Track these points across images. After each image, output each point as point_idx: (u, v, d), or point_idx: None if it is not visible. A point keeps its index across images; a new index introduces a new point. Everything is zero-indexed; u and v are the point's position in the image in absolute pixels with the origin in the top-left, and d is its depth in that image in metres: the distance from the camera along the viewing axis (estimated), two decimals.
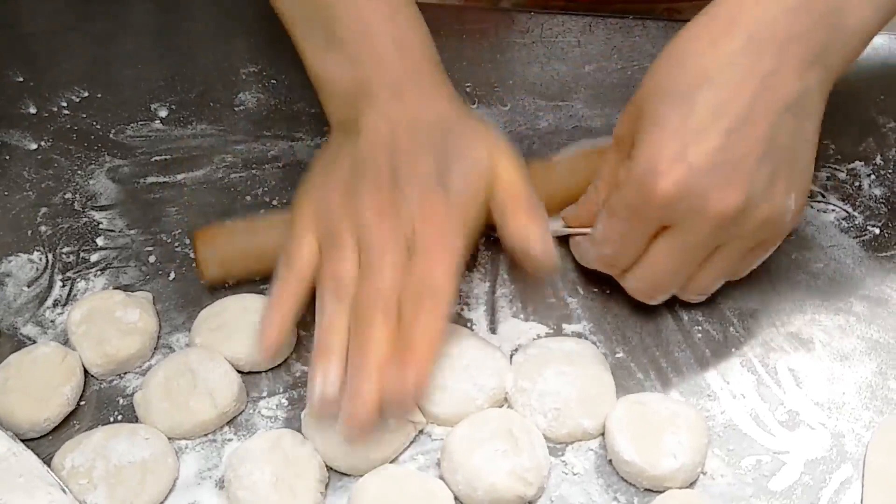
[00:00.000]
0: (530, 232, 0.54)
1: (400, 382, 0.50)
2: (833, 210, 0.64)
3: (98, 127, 0.68)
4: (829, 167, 0.66)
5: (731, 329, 0.59)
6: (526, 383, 0.55)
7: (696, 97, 0.50)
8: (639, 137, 0.52)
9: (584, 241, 0.58)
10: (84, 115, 0.69)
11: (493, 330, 0.59)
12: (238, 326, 0.57)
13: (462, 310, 0.60)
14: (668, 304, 0.59)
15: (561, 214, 0.60)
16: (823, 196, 0.65)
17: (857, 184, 0.66)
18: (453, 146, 0.55)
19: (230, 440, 0.54)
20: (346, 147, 0.56)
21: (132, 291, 0.60)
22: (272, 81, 0.71)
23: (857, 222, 0.64)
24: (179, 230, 0.63)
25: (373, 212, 0.53)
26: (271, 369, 0.57)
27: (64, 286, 0.61)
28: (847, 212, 0.64)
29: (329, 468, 0.53)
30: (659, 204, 0.50)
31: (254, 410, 0.56)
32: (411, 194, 0.53)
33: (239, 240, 0.59)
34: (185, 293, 0.60)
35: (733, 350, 0.58)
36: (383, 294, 0.51)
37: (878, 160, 0.67)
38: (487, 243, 0.63)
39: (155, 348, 0.58)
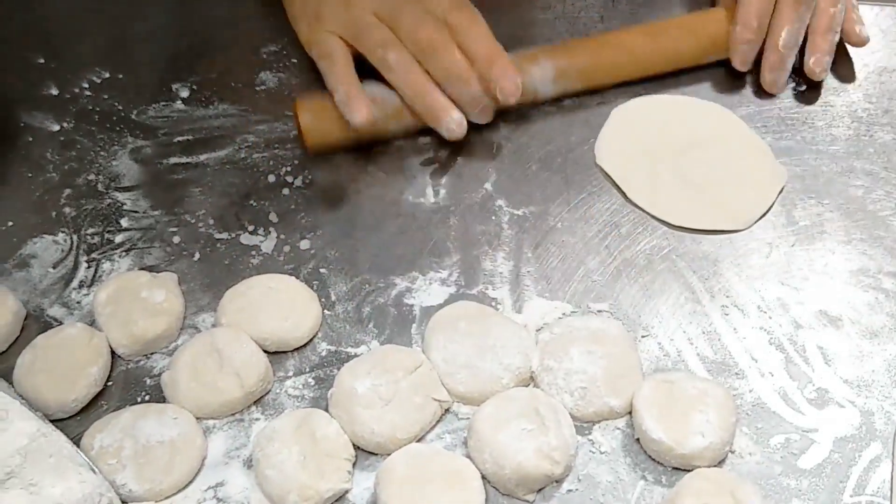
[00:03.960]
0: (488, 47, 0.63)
1: (509, 77, 0.61)
2: (862, 186, 0.64)
3: (120, 108, 0.68)
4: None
5: (759, 306, 0.58)
6: (552, 362, 0.55)
7: None
8: None
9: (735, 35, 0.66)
10: (106, 97, 0.69)
11: (518, 309, 0.59)
12: (264, 306, 0.57)
13: (487, 289, 0.59)
14: (694, 280, 0.59)
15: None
16: (852, 172, 0.64)
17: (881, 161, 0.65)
18: None
19: (257, 419, 0.55)
20: None
21: (157, 272, 0.60)
22: (293, 60, 0.71)
23: (887, 200, 0.63)
24: (203, 211, 0.63)
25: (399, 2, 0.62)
26: (297, 349, 0.57)
27: (89, 267, 0.61)
28: (875, 187, 0.63)
29: (356, 447, 0.53)
30: None
31: (280, 390, 0.56)
32: None
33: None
34: (210, 274, 0.60)
35: (761, 328, 0.58)
36: (423, 17, 0.61)
37: None
38: (510, 222, 0.62)
39: (181, 329, 0.58)
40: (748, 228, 0.62)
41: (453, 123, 0.62)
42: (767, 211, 0.62)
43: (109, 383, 0.56)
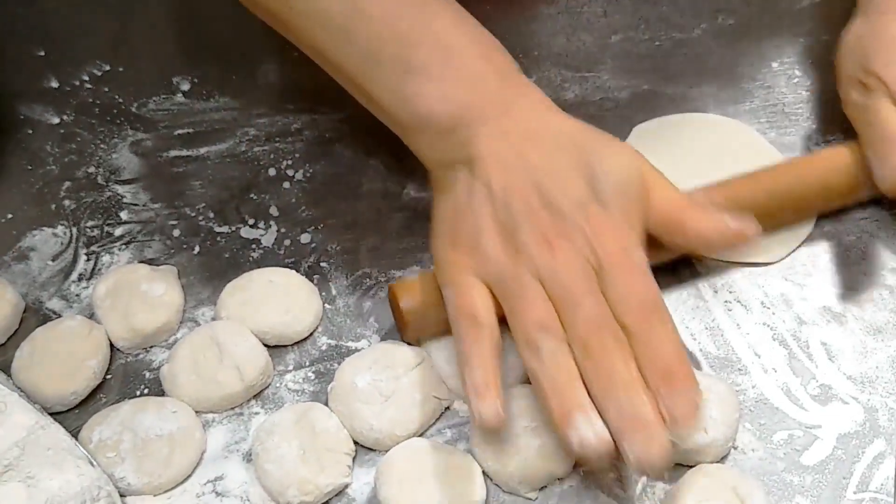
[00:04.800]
0: (712, 217, 0.51)
1: (685, 400, 0.46)
2: None
3: (120, 101, 0.68)
4: None
5: (762, 302, 0.58)
6: None
7: None
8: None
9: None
10: (106, 89, 0.69)
11: None
12: (264, 300, 0.56)
13: None
14: (699, 277, 0.59)
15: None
16: None
17: None
18: (592, 158, 0.51)
19: (257, 413, 0.54)
20: (466, 184, 0.51)
21: (157, 265, 0.59)
22: (294, 54, 0.69)
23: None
24: (203, 204, 0.63)
25: (544, 246, 0.49)
26: (297, 343, 0.57)
27: (88, 260, 0.60)
28: None
29: (355, 442, 0.53)
30: None
31: (280, 384, 0.55)
32: (574, 215, 0.49)
33: (436, 289, 0.53)
34: (210, 267, 0.60)
35: (764, 323, 0.57)
36: (603, 318, 0.47)
37: None
38: None
39: (180, 322, 0.58)
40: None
41: (588, 430, 0.46)
42: (801, 244, 0.60)
43: (108, 376, 0.56)
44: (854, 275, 0.59)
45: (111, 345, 0.56)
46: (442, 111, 0.51)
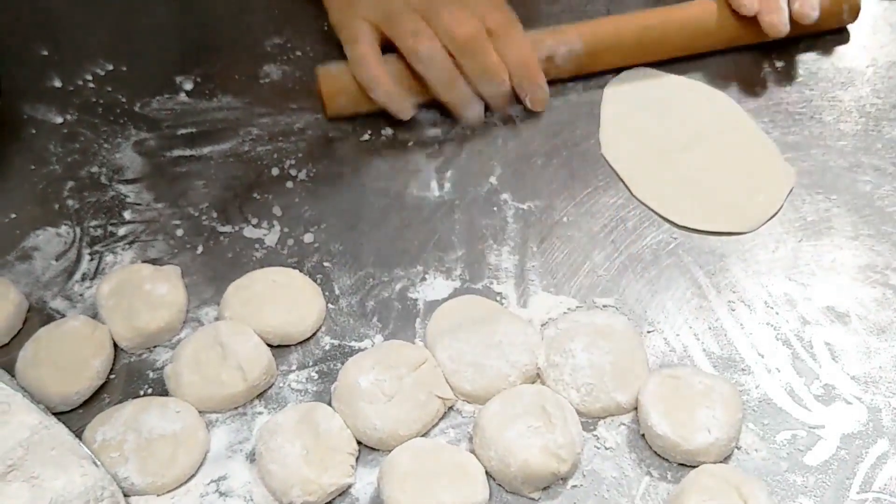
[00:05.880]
0: None
1: (540, 92, 0.65)
2: (870, 182, 0.63)
3: (123, 100, 0.68)
4: None
5: (766, 302, 0.58)
6: (558, 358, 0.54)
7: None
8: None
9: None
10: (109, 89, 0.69)
11: (523, 304, 0.58)
12: (267, 299, 0.56)
13: (492, 283, 0.59)
14: (700, 275, 0.59)
15: None
16: (860, 167, 0.64)
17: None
18: None
19: (260, 413, 0.54)
20: None
21: (160, 265, 0.59)
22: (297, 53, 0.70)
23: (892, 194, 0.63)
24: (206, 203, 0.63)
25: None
26: (300, 343, 0.57)
27: (92, 260, 0.60)
28: (883, 183, 0.63)
29: (359, 441, 0.53)
30: None
31: (283, 383, 0.55)
32: None
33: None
34: (213, 267, 0.60)
35: (768, 323, 0.57)
36: (464, 18, 0.62)
37: None
38: (515, 217, 0.62)
39: (184, 322, 0.58)
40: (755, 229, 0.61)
41: (475, 114, 0.65)
42: (776, 213, 0.62)
43: (112, 376, 0.56)
44: (857, 274, 0.59)
45: (115, 345, 0.56)
46: None
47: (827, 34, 0.70)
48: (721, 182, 0.63)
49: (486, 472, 0.51)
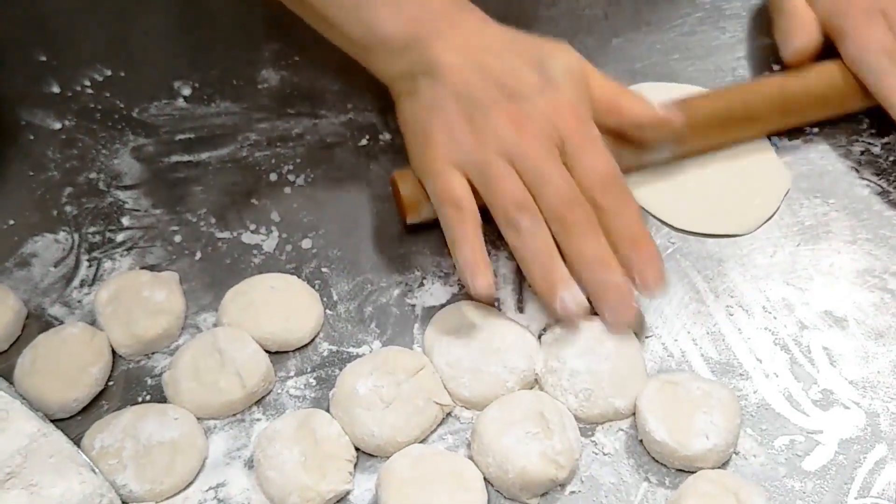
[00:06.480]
0: (645, 103, 0.58)
1: (654, 268, 0.54)
2: (868, 185, 0.63)
3: (121, 106, 0.68)
4: (863, 141, 0.65)
5: (764, 307, 0.58)
6: (556, 363, 0.54)
7: None
8: None
9: None
10: (107, 94, 0.69)
11: (520, 309, 0.58)
12: (265, 306, 0.56)
13: None
14: (698, 280, 0.59)
15: None
16: (858, 171, 0.64)
17: (891, 158, 0.64)
18: (539, 54, 0.57)
19: (258, 420, 0.54)
20: (430, 89, 0.57)
21: (158, 271, 0.59)
22: (295, 58, 0.70)
23: (892, 197, 0.62)
24: (204, 209, 0.63)
25: (511, 128, 0.55)
26: (298, 349, 0.57)
27: (90, 266, 0.60)
28: (882, 187, 0.63)
29: (357, 448, 0.53)
30: None
31: (282, 390, 0.55)
32: (533, 97, 0.56)
33: None
34: (211, 273, 0.60)
35: (766, 328, 0.57)
36: (572, 193, 0.54)
37: None
38: None
39: (182, 328, 0.58)
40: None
41: (571, 300, 0.54)
42: (772, 215, 0.62)
43: (110, 383, 0.56)
44: (855, 279, 0.59)
45: (113, 351, 0.56)
46: (396, 29, 0.58)
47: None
48: (718, 184, 0.63)
49: (484, 479, 0.51)
